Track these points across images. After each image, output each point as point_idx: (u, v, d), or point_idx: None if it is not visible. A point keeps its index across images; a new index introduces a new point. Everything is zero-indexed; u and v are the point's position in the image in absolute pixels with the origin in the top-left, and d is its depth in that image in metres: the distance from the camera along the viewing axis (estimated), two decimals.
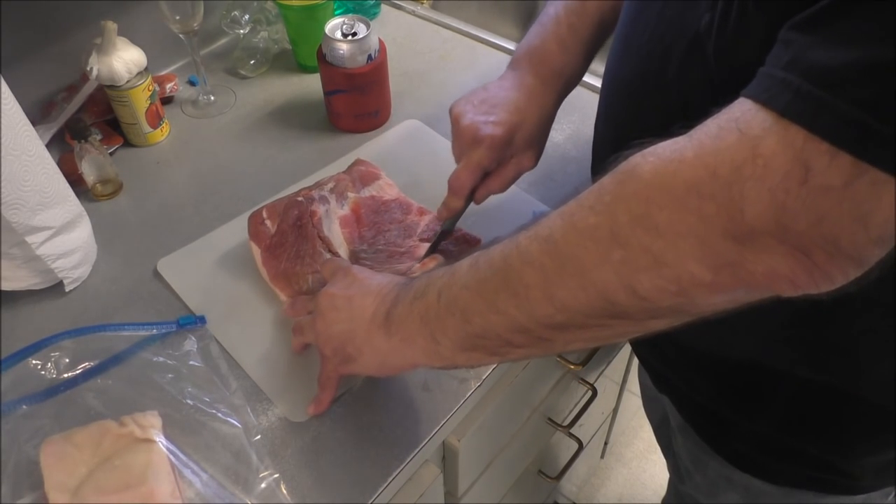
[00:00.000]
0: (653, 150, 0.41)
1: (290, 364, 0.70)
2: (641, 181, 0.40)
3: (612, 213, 0.42)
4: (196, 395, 0.66)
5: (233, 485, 0.61)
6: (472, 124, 0.70)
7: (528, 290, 0.46)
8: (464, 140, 0.70)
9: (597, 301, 0.43)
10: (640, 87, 0.58)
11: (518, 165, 0.73)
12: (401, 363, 0.57)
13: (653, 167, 0.40)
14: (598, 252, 0.42)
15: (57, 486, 0.57)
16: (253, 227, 0.77)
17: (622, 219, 0.41)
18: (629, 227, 0.41)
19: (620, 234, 0.41)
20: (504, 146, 0.70)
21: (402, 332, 0.54)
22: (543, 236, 0.46)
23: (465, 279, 0.50)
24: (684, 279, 0.40)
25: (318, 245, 0.74)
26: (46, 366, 0.68)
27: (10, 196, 0.66)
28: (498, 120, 0.69)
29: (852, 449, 0.62)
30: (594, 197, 0.43)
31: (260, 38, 1.05)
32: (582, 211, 0.44)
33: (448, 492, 0.81)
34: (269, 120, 0.98)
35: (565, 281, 0.44)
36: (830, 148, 0.34)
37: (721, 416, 0.67)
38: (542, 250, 0.45)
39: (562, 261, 0.44)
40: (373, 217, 0.79)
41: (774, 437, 0.64)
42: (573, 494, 1.58)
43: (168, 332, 0.72)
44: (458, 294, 0.50)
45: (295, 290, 0.72)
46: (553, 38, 0.72)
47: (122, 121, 0.93)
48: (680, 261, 0.40)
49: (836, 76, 0.35)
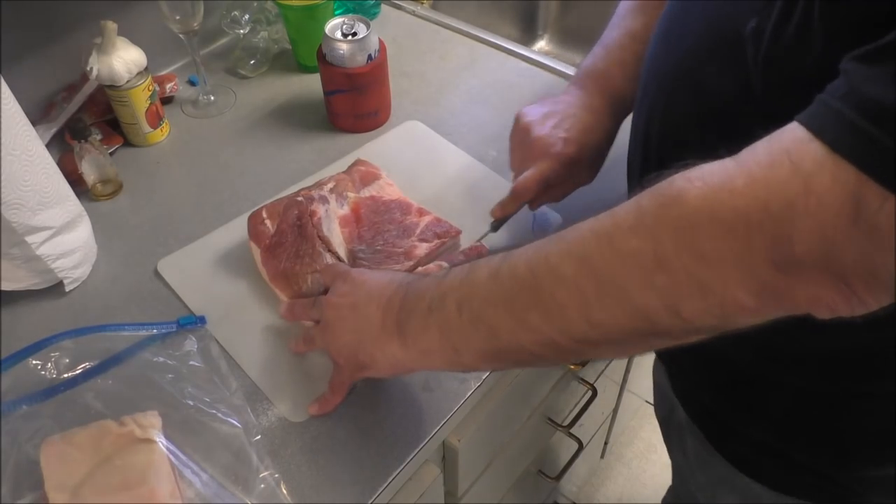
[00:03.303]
0: (699, 175, 0.40)
1: (289, 364, 0.70)
2: (688, 207, 0.40)
3: (656, 237, 0.41)
4: (196, 396, 0.66)
5: (233, 485, 0.61)
6: (546, 137, 0.71)
7: (562, 309, 0.45)
8: (534, 151, 0.72)
9: (637, 322, 0.43)
10: (676, 84, 0.57)
11: (577, 181, 0.75)
12: (418, 369, 0.57)
13: (700, 193, 0.40)
14: (642, 276, 0.42)
15: (57, 486, 0.57)
16: (253, 227, 0.76)
17: (667, 244, 0.41)
18: (674, 253, 0.41)
19: (665, 259, 0.41)
20: (573, 163, 0.72)
21: (420, 343, 0.54)
22: (577, 255, 0.45)
23: (488, 292, 0.49)
24: (728, 304, 0.40)
25: (317, 245, 0.74)
26: (46, 366, 0.68)
27: (10, 196, 0.66)
28: (570, 137, 0.71)
29: (851, 461, 0.62)
30: (634, 218, 0.43)
31: (260, 38, 1.05)
32: (621, 232, 0.43)
33: (448, 492, 0.81)
34: (269, 120, 0.98)
35: (604, 303, 0.44)
36: (882, 191, 0.34)
37: (723, 418, 0.67)
38: (579, 271, 0.44)
39: (601, 283, 0.44)
40: (372, 217, 0.79)
41: (773, 444, 0.64)
42: (573, 494, 1.58)
43: (168, 333, 0.72)
44: (482, 309, 0.49)
45: (294, 290, 0.72)
46: (618, 65, 0.73)
47: (122, 121, 0.93)
48: (726, 287, 0.40)
49: (892, 113, 0.34)
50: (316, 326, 0.66)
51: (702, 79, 0.53)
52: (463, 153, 0.91)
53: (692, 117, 0.55)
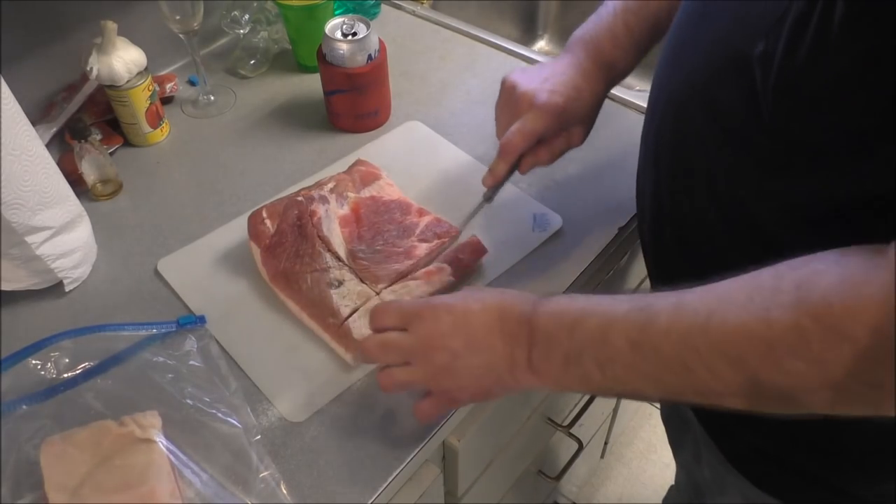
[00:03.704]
0: (863, 308, 0.40)
1: (289, 364, 0.70)
2: (860, 347, 0.40)
3: (825, 367, 0.42)
4: (196, 395, 0.66)
5: (233, 485, 0.61)
6: (531, 90, 0.70)
7: (720, 396, 0.47)
8: (520, 105, 0.70)
9: (798, 412, 0.45)
10: (684, 104, 0.58)
11: (567, 139, 0.73)
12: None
13: (870, 335, 0.40)
14: (807, 391, 0.43)
15: (57, 486, 0.57)
16: (253, 226, 0.77)
17: (837, 374, 0.41)
18: (846, 381, 0.41)
19: (836, 383, 0.42)
20: (560, 115, 0.70)
21: (558, 382, 0.55)
22: (733, 357, 0.45)
23: (632, 362, 0.50)
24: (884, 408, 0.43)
25: (317, 245, 0.74)
26: (46, 366, 0.68)
27: (10, 196, 0.66)
28: (556, 89, 0.70)
29: (869, 475, 0.61)
30: (795, 339, 0.42)
31: (260, 38, 1.05)
32: (783, 348, 0.43)
33: (448, 492, 0.81)
34: (269, 120, 0.98)
35: (766, 402, 0.46)
36: None
37: (739, 434, 0.66)
38: (736, 373, 0.45)
39: (762, 389, 0.45)
40: (372, 217, 0.79)
41: (789, 458, 0.63)
42: (573, 494, 1.58)
43: (168, 333, 0.72)
44: (626, 375, 0.50)
45: (294, 289, 0.72)
46: (607, 32, 0.72)
47: (122, 121, 0.93)
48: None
49: None
50: (409, 371, 0.60)
51: (710, 100, 0.53)
52: (463, 153, 0.91)
53: (701, 137, 0.55)
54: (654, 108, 0.63)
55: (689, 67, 0.56)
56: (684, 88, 0.57)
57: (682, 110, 0.58)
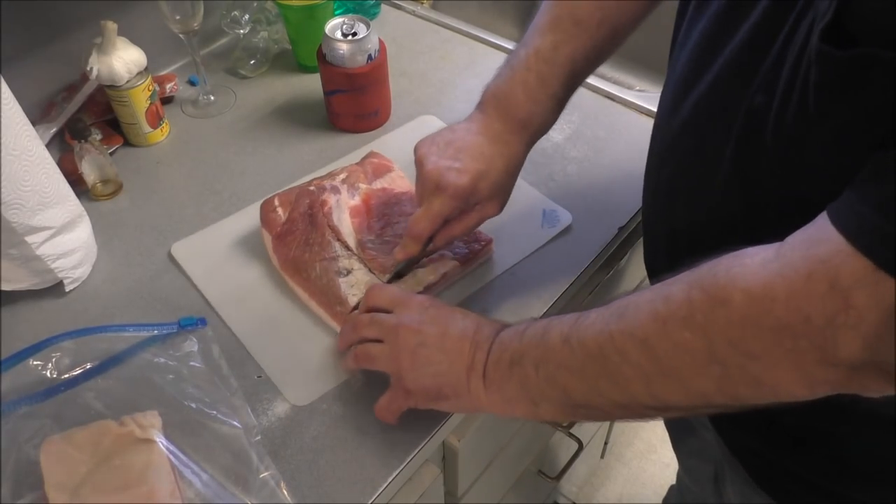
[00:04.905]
0: (742, 275, 0.42)
1: (296, 349, 0.71)
2: (735, 312, 0.42)
3: (707, 334, 0.44)
4: (196, 396, 0.66)
5: (233, 485, 0.61)
6: (436, 169, 0.66)
7: (628, 382, 0.49)
8: (426, 185, 0.67)
9: (696, 400, 0.47)
10: (682, 141, 0.58)
11: (481, 213, 0.70)
12: (497, 413, 0.58)
13: (745, 300, 0.42)
14: (696, 366, 0.45)
15: (57, 486, 0.58)
16: (265, 214, 0.78)
17: (718, 343, 0.43)
18: (726, 350, 0.43)
19: (718, 354, 0.44)
20: (467, 195, 0.67)
21: (502, 392, 0.56)
22: (639, 338, 0.47)
23: (561, 358, 0.52)
24: (782, 393, 0.44)
25: (327, 234, 0.75)
26: (47, 366, 0.68)
27: (10, 196, 0.66)
28: (462, 167, 0.66)
29: (869, 480, 0.60)
30: (686, 311, 0.45)
31: (260, 38, 1.05)
32: (675, 322, 0.46)
33: (448, 492, 0.81)
34: (269, 120, 0.98)
35: (664, 382, 0.47)
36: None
37: (768, 457, 0.65)
38: (640, 353, 0.47)
39: (660, 367, 0.47)
40: (383, 209, 0.80)
41: (818, 482, 0.62)
42: (573, 494, 1.58)
43: (169, 333, 0.72)
44: (556, 372, 0.52)
45: (303, 277, 0.73)
46: (521, 86, 0.68)
47: (122, 121, 0.93)
48: (778, 381, 0.43)
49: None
50: (380, 347, 0.62)
51: (708, 136, 0.55)
52: None
53: (709, 187, 0.56)
54: (654, 139, 0.65)
55: (688, 107, 0.57)
56: (687, 132, 0.58)
57: (678, 145, 0.59)
